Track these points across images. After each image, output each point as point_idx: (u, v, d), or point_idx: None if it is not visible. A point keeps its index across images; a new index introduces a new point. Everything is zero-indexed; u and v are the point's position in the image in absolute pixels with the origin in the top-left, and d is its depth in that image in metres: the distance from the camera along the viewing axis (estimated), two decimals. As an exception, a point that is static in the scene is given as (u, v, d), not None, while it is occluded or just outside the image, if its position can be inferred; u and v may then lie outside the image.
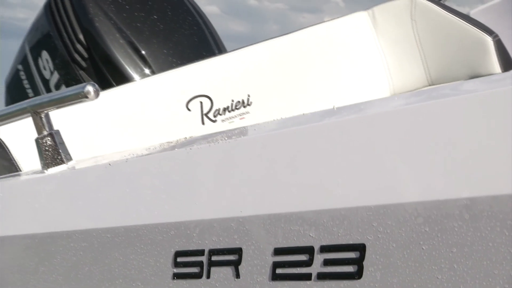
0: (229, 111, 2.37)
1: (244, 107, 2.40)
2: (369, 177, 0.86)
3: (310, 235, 0.91)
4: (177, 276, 1.08)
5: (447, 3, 2.74)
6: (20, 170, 1.84)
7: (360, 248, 0.86)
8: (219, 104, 2.35)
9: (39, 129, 1.42)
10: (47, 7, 2.88)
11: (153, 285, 1.11)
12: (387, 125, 0.86)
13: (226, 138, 1.09)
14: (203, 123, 2.31)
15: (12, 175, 1.67)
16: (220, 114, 2.35)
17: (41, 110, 1.41)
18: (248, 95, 2.41)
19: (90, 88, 1.33)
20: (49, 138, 1.40)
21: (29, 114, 1.43)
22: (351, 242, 0.87)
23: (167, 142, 1.33)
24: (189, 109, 2.28)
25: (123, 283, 1.16)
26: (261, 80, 2.46)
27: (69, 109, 2.00)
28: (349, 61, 2.69)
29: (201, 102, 2.31)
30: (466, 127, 0.78)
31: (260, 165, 0.99)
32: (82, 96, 1.34)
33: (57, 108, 1.41)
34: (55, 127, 1.46)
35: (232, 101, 2.38)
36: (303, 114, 1.13)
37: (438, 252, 0.79)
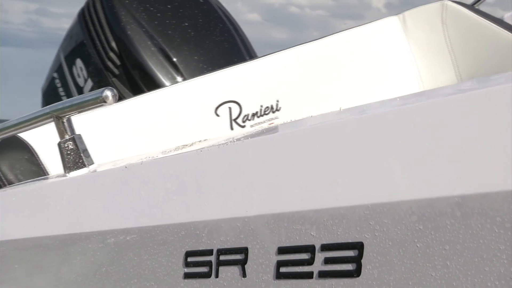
0: (258, 117, 2.38)
1: (273, 112, 2.41)
2: (366, 176, 0.87)
3: (311, 234, 0.92)
4: (187, 275, 1.10)
5: (491, 8, 2.70)
6: (48, 174, 1.88)
7: (359, 247, 0.87)
8: (248, 110, 2.36)
9: (61, 133, 1.45)
10: (81, 16, 2.94)
11: (166, 285, 1.13)
12: (383, 125, 0.87)
13: (235, 141, 1.11)
14: (231, 128, 2.32)
15: (38, 179, 1.71)
16: (249, 120, 2.36)
17: (63, 115, 1.45)
18: (277, 101, 2.42)
19: (108, 93, 1.36)
20: (70, 142, 1.43)
21: (51, 119, 1.46)
22: (350, 240, 0.88)
23: (182, 145, 1.35)
24: (218, 115, 2.30)
25: (138, 282, 1.18)
26: (290, 85, 2.46)
27: (100, 114, 2.05)
28: (380, 66, 2.68)
29: (229, 108, 2.32)
30: (458, 127, 0.79)
31: (264, 166, 1.00)
32: (100, 101, 1.37)
33: (79, 112, 1.44)
34: (88, 132, 1.49)
35: (261, 106, 2.39)
36: (311, 116, 1.15)
37: (432, 250, 0.79)
